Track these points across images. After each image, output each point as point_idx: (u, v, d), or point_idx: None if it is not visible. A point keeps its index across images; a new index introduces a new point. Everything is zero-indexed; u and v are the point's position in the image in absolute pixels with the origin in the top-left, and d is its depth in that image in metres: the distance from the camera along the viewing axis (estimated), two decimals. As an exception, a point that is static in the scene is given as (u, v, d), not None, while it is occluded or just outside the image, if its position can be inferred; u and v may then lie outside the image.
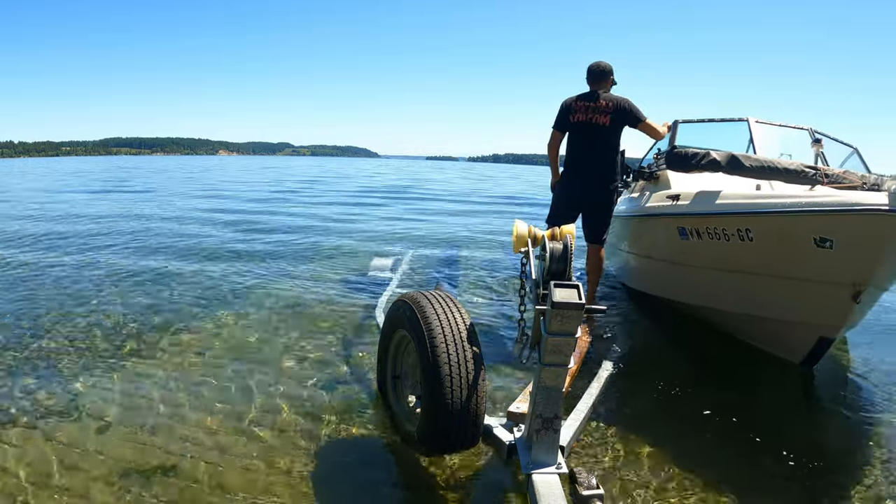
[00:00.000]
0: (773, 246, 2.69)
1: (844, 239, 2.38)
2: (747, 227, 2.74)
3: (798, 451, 2.13)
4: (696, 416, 2.41)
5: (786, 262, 2.67)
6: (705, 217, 2.99)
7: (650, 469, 1.98)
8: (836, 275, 2.48)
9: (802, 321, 2.74)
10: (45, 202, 11.15)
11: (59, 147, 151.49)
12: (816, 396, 2.80)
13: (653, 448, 2.12)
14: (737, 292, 3.06)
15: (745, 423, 2.37)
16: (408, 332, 1.84)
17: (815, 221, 2.45)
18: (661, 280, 3.90)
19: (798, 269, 2.63)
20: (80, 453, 1.92)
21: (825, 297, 2.57)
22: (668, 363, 3.00)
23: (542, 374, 1.63)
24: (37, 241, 6.12)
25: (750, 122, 4.02)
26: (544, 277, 1.69)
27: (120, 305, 3.65)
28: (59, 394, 2.37)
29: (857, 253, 2.38)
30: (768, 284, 2.82)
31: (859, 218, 2.29)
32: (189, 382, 2.52)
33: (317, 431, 2.13)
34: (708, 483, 1.91)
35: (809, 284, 2.61)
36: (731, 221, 2.82)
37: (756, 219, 2.70)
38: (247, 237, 6.81)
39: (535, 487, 1.56)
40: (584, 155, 3.57)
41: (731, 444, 2.19)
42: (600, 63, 3.58)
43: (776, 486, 1.92)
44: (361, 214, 10.12)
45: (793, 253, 2.60)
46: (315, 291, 4.18)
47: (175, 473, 1.83)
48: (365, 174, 29.70)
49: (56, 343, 2.95)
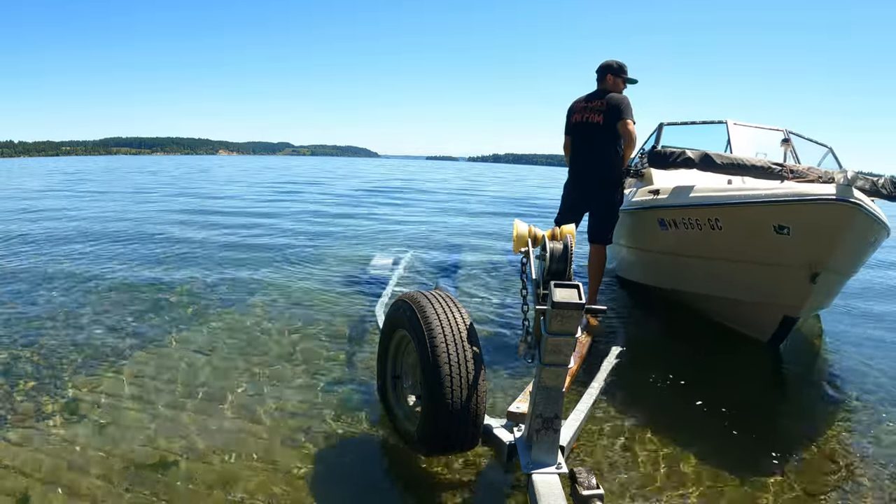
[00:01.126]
0: (738, 233, 2.97)
1: (799, 226, 2.67)
2: (716, 217, 3.03)
3: (796, 452, 2.14)
4: (696, 416, 2.41)
5: (750, 248, 2.95)
6: (681, 209, 3.27)
7: (650, 468, 1.98)
8: (794, 258, 2.75)
9: (767, 302, 3.03)
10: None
11: (59, 147, 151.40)
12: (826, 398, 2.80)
13: (653, 447, 2.12)
14: (710, 277, 3.36)
15: (745, 423, 2.37)
16: (408, 331, 1.84)
17: (773, 211, 2.73)
18: (647, 269, 4.21)
19: (761, 254, 2.91)
20: (80, 453, 1.92)
21: (785, 279, 2.84)
22: (668, 362, 2.99)
23: (542, 373, 1.63)
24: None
25: (728, 124, 4.36)
26: (544, 277, 1.69)
27: (120, 305, 3.65)
28: (58, 393, 2.37)
29: (810, 238, 2.66)
30: (736, 269, 3.11)
31: (811, 207, 2.58)
32: (188, 382, 2.52)
33: (316, 431, 2.13)
34: (708, 482, 1.91)
35: (771, 268, 2.89)
36: (703, 212, 3.10)
37: (723, 209, 2.98)
38: (242, 239, 6.80)
39: (535, 487, 1.56)
40: (583, 155, 3.62)
41: (731, 444, 2.19)
42: (609, 61, 3.63)
43: (775, 485, 1.92)
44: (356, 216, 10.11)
45: (755, 239, 2.88)
46: (315, 291, 4.17)
47: (174, 473, 1.83)
48: (360, 176, 29.58)
49: (55, 342, 2.95)
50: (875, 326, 3.94)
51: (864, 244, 2.98)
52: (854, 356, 3.29)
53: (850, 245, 2.77)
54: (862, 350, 3.40)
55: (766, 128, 4.50)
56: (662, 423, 2.34)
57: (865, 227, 2.70)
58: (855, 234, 2.68)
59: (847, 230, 2.60)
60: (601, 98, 3.54)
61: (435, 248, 6.47)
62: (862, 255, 3.18)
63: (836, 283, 3.25)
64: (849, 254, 2.88)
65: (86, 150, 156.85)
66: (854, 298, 4.61)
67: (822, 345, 3.58)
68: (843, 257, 2.84)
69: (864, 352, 3.36)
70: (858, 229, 2.66)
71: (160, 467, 1.86)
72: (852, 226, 2.59)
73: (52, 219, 8.07)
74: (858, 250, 3.01)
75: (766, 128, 4.50)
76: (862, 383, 2.87)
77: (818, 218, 2.59)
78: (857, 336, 3.70)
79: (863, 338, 3.67)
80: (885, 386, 2.84)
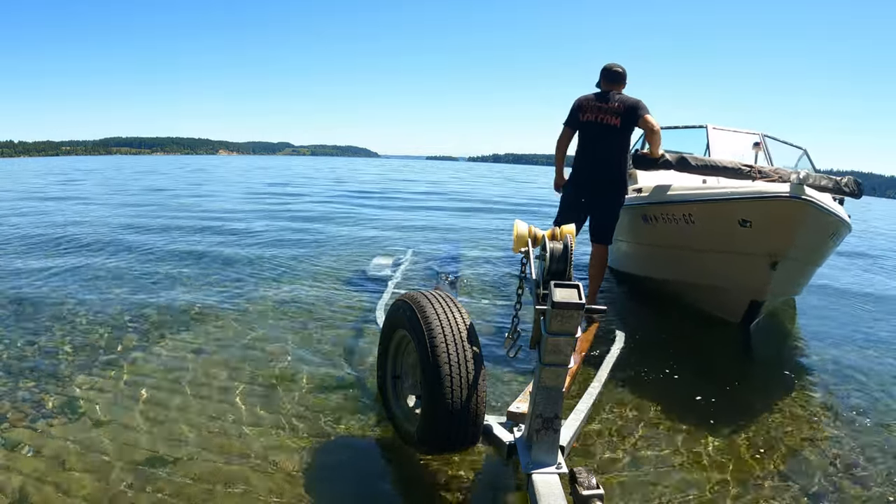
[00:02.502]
0: (708, 226, 3.34)
1: (759, 219, 3.02)
2: (689, 212, 3.41)
3: (799, 454, 2.14)
4: (696, 415, 2.41)
5: (719, 240, 3.31)
6: (660, 205, 3.66)
7: (651, 468, 1.98)
8: (755, 248, 3.11)
9: (735, 287, 3.41)
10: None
11: (58, 147, 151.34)
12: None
13: (653, 447, 2.13)
14: (687, 266, 3.76)
15: (746, 423, 2.37)
16: (408, 331, 1.84)
17: (736, 206, 3.09)
18: (635, 260, 4.63)
19: (728, 245, 3.27)
20: (80, 452, 1.92)
21: (749, 267, 3.19)
22: (669, 361, 2.99)
23: (542, 373, 1.63)
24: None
25: (708, 129, 4.75)
26: (544, 277, 1.69)
27: (119, 304, 3.65)
28: (57, 392, 2.37)
29: (769, 230, 3.01)
30: (708, 258, 3.49)
31: (768, 203, 2.94)
32: (188, 382, 2.52)
33: (316, 431, 2.13)
34: (708, 482, 1.91)
35: (737, 257, 3.25)
36: (678, 208, 3.49)
37: (695, 205, 3.38)
38: (239, 239, 6.80)
39: (535, 487, 1.56)
40: (594, 156, 3.56)
41: (732, 443, 2.19)
42: (616, 65, 3.57)
43: (772, 485, 1.92)
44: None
45: (723, 232, 3.23)
46: (314, 291, 4.18)
47: (174, 473, 1.83)
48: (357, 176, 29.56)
49: (53, 343, 2.95)
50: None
51: (821, 237, 3.31)
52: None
53: (807, 237, 3.09)
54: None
55: (742, 132, 4.84)
56: (663, 422, 2.34)
57: (819, 221, 3.03)
58: (809, 227, 3.01)
59: (800, 223, 2.93)
60: (617, 101, 3.49)
61: (435, 247, 6.47)
62: (822, 246, 3.50)
63: (800, 271, 3.65)
64: (807, 245, 3.21)
65: (86, 150, 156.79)
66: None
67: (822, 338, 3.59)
68: (801, 248, 3.17)
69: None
70: (812, 223, 2.98)
71: (160, 467, 1.86)
72: (805, 219, 2.92)
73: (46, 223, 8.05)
74: (816, 242, 3.33)
75: (743, 132, 4.83)
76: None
77: (775, 212, 2.93)
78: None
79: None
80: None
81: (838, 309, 4.59)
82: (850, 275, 6.37)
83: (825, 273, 5.16)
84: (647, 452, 2.09)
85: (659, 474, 1.95)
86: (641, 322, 3.74)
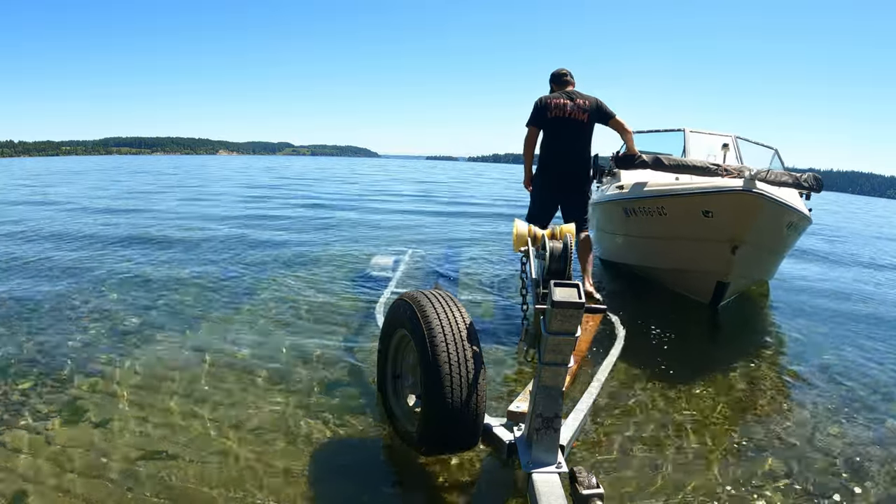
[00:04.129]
0: (677, 217, 3.79)
1: (718, 210, 3.46)
2: (662, 205, 3.89)
3: (801, 457, 2.14)
4: (697, 414, 2.41)
5: (686, 229, 3.75)
6: (637, 200, 4.11)
7: (651, 467, 1.98)
8: (717, 235, 3.54)
9: (703, 270, 3.86)
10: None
11: (58, 146, 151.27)
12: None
13: (653, 447, 2.13)
14: (662, 253, 4.25)
15: (746, 422, 2.37)
16: (408, 331, 1.84)
17: (700, 200, 3.55)
18: (620, 250, 5.10)
19: (694, 233, 3.70)
20: (79, 453, 1.92)
21: (713, 252, 3.62)
22: (669, 360, 3.00)
23: (542, 373, 1.63)
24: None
25: (685, 132, 5.27)
26: (544, 276, 1.69)
27: (118, 304, 3.65)
28: (57, 392, 2.36)
29: (727, 219, 3.45)
30: (679, 245, 3.95)
31: (725, 196, 3.38)
32: (187, 382, 2.52)
33: (316, 431, 2.13)
34: (708, 482, 1.91)
35: (703, 243, 3.68)
36: (653, 202, 3.97)
37: (666, 199, 3.84)
38: (243, 235, 6.80)
39: (535, 487, 1.56)
40: (564, 150, 3.84)
41: (732, 443, 2.19)
42: (563, 69, 4.01)
43: (773, 485, 1.92)
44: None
45: (690, 222, 3.66)
46: (314, 291, 4.17)
47: (174, 474, 1.83)
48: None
49: (53, 342, 2.94)
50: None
51: (776, 226, 3.72)
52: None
53: (762, 225, 3.50)
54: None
55: (717, 134, 5.30)
56: (663, 421, 2.34)
57: (771, 211, 3.44)
58: (762, 217, 3.42)
59: (753, 213, 3.36)
60: (582, 98, 3.80)
61: (435, 246, 6.47)
62: (779, 235, 3.92)
63: (763, 257, 4.14)
64: (763, 232, 3.62)
65: (86, 150, 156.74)
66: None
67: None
68: (758, 234, 3.57)
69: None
70: (765, 212, 3.40)
71: (159, 468, 1.86)
72: (756, 210, 3.34)
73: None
74: (773, 230, 3.76)
75: (718, 134, 5.29)
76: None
77: (731, 204, 3.37)
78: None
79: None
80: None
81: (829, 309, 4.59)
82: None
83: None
84: (647, 451, 2.09)
85: (659, 473, 1.95)
86: (640, 319, 3.73)
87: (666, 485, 1.89)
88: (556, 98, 3.80)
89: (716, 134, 5.29)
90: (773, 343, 3.58)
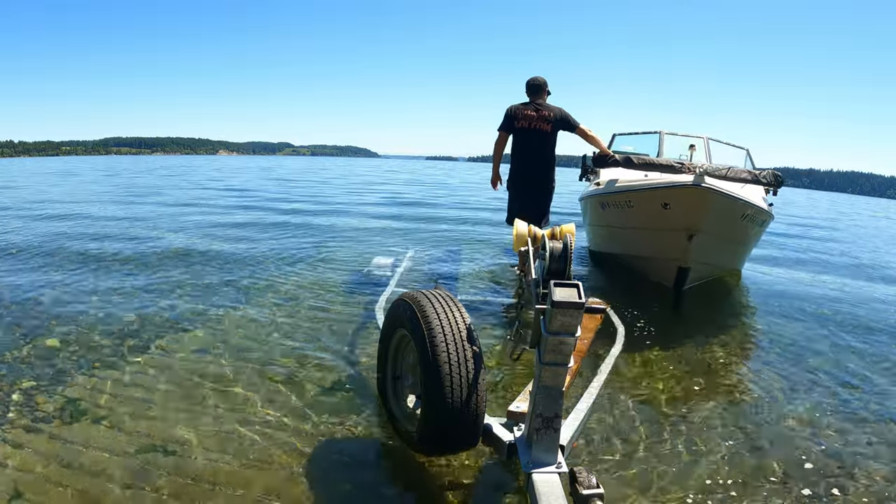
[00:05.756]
0: (642, 210, 4.24)
1: (674, 202, 3.87)
2: (629, 199, 4.37)
3: (801, 459, 2.14)
4: (698, 414, 2.41)
5: (650, 220, 4.17)
6: (610, 195, 4.66)
7: (651, 467, 1.98)
8: (674, 224, 3.94)
9: (665, 257, 4.27)
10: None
11: (58, 147, 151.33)
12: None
13: (654, 446, 2.13)
14: (633, 242, 4.75)
15: (748, 422, 2.37)
16: (408, 331, 1.83)
17: (659, 194, 3.97)
18: (602, 241, 5.60)
19: (656, 223, 4.11)
20: (79, 452, 1.92)
21: (672, 240, 4.04)
22: (670, 360, 3.00)
23: (542, 373, 1.62)
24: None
25: (661, 134, 5.81)
26: (544, 276, 1.69)
27: (118, 304, 3.65)
28: (57, 392, 2.37)
29: (682, 210, 3.85)
30: (645, 235, 4.42)
31: (678, 190, 3.82)
32: (187, 382, 2.52)
33: (316, 431, 2.13)
34: (708, 482, 1.91)
35: (664, 232, 4.09)
36: (622, 196, 4.46)
37: (632, 194, 4.32)
38: (243, 235, 6.80)
39: (535, 487, 1.56)
40: (531, 157, 4.37)
41: (733, 442, 2.19)
42: (537, 78, 4.37)
43: (774, 485, 1.92)
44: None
45: (652, 213, 4.08)
46: (314, 291, 4.17)
47: (174, 473, 1.83)
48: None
49: (54, 342, 2.94)
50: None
51: (731, 216, 4.10)
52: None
53: (715, 215, 3.88)
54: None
55: (691, 136, 5.76)
56: (663, 421, 2.34)
57: (722, 203, 3.83)
58: (714, 208, 3.81)
59: (702, 204, 3.77)
60: (546, 109, 4.28)
61: (435, 247, 6.47)
62: (736, 225, 4.27)
63: (722, 246, 4.50)
64: (717, 222, 3.98)
65: (86, 150, 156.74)
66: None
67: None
68: (712, 224, 3.94)
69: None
70: (715, 204, 3.79)
71: (160, 467, 1.86)
72: (705, 202, 3.75)
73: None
74: (728, 221, 4.13)
75: (692, 136, 5.75)
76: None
77: (683, 197, 3.79)
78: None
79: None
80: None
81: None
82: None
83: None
84: (647, 451, 2.09)
85: (659, 473, 1.95)
86: (642, 319, 3.73)
87: (666, 484, 1.89)
88: (524, 109, 4.29)
89: (690, 136, 5.78)
90: (777, 344, 3.58)
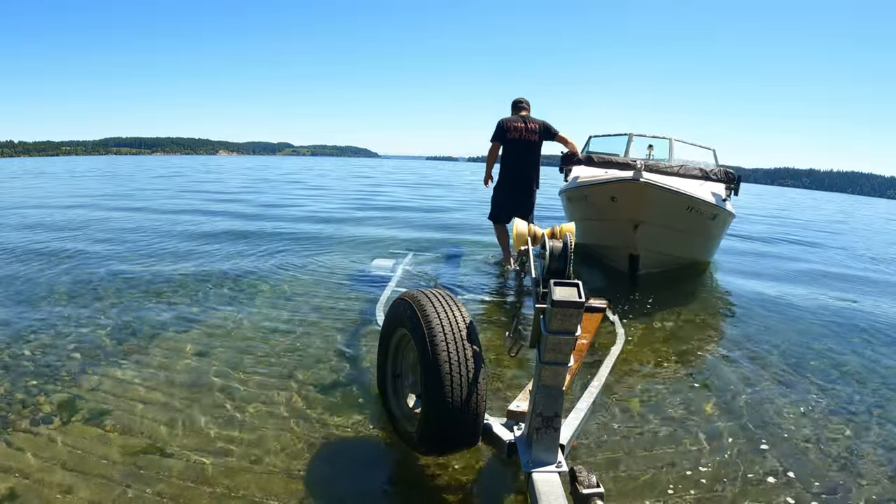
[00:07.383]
0: (595, 202, 4.79)
1: (620, 196, 4.32)
2: (586, 194, 4.92)
3: (798, 459, 2.13)
4: (698, 413, 2.41)
5: (602, 212, 4.71)
6: (574, 189, 5.26)
7: (651, 466, 1.98)
8: (622, 216, 4.38)
9: (617, 245, 4.75)
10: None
11: (58, 147, 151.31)
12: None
13: (654, 446, 2.12)
14: (593, 232, 5.21)
15: (748, 423, 2.37)
16: (408, 330, 1.83)
17: (607, 188, 4.43)
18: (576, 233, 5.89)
19: (607, 215, 4.62)
20: (78, 452, 1.93)
21: (621, 230, 4.49)
22: (670, 360, 3.00)
23: (542, 372, 1.62)
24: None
25: (630, 136, 6.17)
26: (544, 276, 1.69)
27: (118, 303, 3.65)
28: (58, 392, 2.36)
29: (626, 203, 4.28)
30: (600, 225, 4.95)
31: (621, 184, 4.24)
32: (186, 382, 2.52)
33: (316, 431, 2.13)
34: (708, 481, 1.91)
35: (614, 223, 4.56)
36: (581, 191, 5.03)
37: (587, 188, 4.84)
38: (242, 233, 6.80)
39: (535, 486, 1.56)
40: (519, 166, 4.88)
41: (732, 443, 2.19)
42: (522, 98, 4.98)
43: (774, 485, 1.92)
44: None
45: (603, 206, 4.59)
46: (314, 290, 4.17)
47: (174, 473, 1.83)
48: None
49: (54, 342, 2.94)
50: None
51: (674, 208, 4.41)
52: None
53: (656, 208, 4.24)
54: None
55: (659, 136, 6.23)
56: (663, 421, 2.34)
57: (661, 196, 4.18)
58: (653, 200, 4.18)
59: (641, 197, 4.14)
60: (533, 122, 4.82)
61: (435, 247, 6.47)
62: (682, 217, 4.54)
63: (673, 236, 4.72)
64: (660, 214, 4.33)
65: (86, 151, 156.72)
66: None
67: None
68: (655, 215, 4.30)
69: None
70: (653, 197, 4.15)
71: (160, 468, 1.86)
72: (644, 195, 4.12)
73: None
74: (672, 212, 4.43)
75: (659, 136, 6.23)
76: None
77: (625, 190, 4.21)
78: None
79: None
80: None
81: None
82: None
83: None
84: (647, 450, 2.09)
85: (660, 472, 1.95)
86: (643, 318, 3.74)
87: (667, 484, 1.89)
88: (514, 122, 4.80)
89: (657, 136, 6.28)
90: (780, 346, 3.58)
